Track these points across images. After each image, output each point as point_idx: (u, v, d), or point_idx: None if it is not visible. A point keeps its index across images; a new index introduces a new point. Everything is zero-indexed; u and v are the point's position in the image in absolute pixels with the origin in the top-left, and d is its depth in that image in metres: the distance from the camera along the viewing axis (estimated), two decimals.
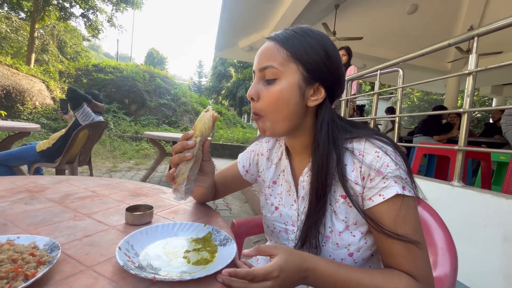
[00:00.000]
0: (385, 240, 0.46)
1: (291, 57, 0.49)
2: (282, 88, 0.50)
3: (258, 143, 0.72)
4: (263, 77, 0.52)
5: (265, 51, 0.52)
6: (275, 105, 0.50)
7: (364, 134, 0.50)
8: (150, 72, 11.05)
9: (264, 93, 0.51)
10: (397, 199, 0.45)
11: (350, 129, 0.53)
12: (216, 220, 0.66)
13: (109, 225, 0.58)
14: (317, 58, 0.49)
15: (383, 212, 0.46)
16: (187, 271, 0.42)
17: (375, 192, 0.46)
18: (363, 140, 0.49)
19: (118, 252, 0.42)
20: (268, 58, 0.50)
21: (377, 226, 0.45)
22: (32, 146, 2.34)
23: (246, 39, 5.88)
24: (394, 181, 0.45)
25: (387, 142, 0.49)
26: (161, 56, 31.82)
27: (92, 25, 13.04)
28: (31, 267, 0.35)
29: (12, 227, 0.52)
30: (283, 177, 0.62)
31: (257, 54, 0.53)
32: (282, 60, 0.50)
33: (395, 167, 0.46)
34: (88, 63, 10.43)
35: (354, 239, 0.50)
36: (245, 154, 0.73)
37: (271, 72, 0.50)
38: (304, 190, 0.56)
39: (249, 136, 9.43)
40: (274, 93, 0.50)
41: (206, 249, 0.50)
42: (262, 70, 0.51)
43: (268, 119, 0.52)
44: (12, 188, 0.77)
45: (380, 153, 0.47)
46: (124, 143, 6.95)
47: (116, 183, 0.93)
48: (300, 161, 0.59)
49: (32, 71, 8.26)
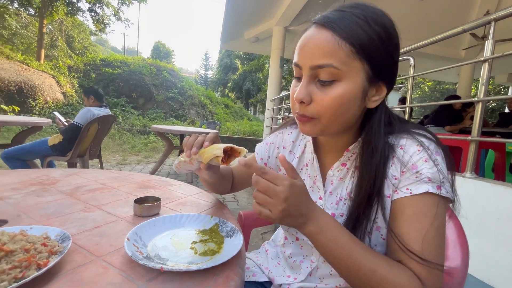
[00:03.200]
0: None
1: (356, 53, 0.41)
2: (344, 93, 0.42)
3: (279, 135, 0.68)
4: (315, 76, 0.44)
5: (320, 43, 0.42)
6: (333, 111, 0.43)
7: (407, 129, 0.48)
8: (156, 65, 11.09)
9: (319, 96, 0.44)
10: (425, 198, 0.42)
11: (395, 123, 0.50)
12: (223, 212, 0.67)
13: (118, 216, 0.59)
14: (385, 51, 0.43)
15: (404, 207, 0.43)
16: (194, 262, 0.42)
17: (404, 184, 0.44)
18: (405, 135, 0.47)
19: (126, 242, 0.43)
20: (326, 53, 0.41)
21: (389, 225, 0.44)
22: (44, 140, 2.40)
23: (252, 29, 5.79)
24: (427, 178, 0.42)
25: (430, 138, 0.46)
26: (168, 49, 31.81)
27: (99, 20, 13.11)
28: (43, 257, 0.36)
29: (26, 219, 0.54)
30: (306, 171, 0.60)
31: (305, 46, 0.44)
32: (345, 57, 0.41)
33: (432, 164, 0.43)
34: (96, 58, 10.53)
35: (383, 242, 0.48)
36: (264, 146, 0.70)
37: (329, 72, 0.42)
38: (333, 185, 0.54)
39: (255, 128, 9.42)
40: (334, 98, 0.42)
41: (213, 240, 0.50)
42: (315, 68, 0.43)
43: (321, 123, 0.46)
44: (26, 180, 0.79)
45: (421, 149, 0.44)
46: (133, 136, 7.06)
47: (125, 176, 0.95)
48: (331, 155, 0.56)
49: (42, 66, 8.40)
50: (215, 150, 0.53)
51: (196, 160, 0.57)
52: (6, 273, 0.32)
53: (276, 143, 0.68)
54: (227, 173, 0.71)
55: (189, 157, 0.57)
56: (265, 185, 0.40)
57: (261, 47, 6.69)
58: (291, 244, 0.64)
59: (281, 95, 4.80)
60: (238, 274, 0.41)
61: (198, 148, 0.56)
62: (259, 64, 20.56)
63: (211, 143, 0.56)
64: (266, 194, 0.41)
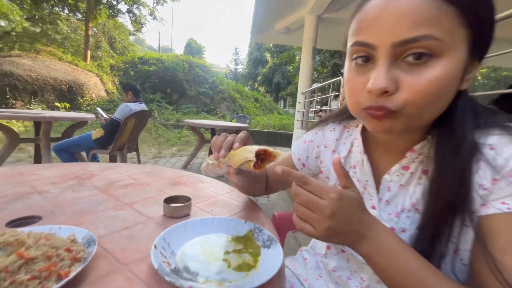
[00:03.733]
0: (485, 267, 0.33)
1: (463, 17, 0.31)
2: (445, 73, 0.32)
3: (319, 132, 0.59)
4: (399, 56, 0.33)
5: (410, 7, 0.31)
6: (428, 98, 0.33)
7: (498, 122, 0.36)
8: (189, 61, 11.42)
9: (409, 81, 0.33)
10: None
11: (482, 113, 0.38)
12: (258, 215, 0.60)
13: (148, 216, 0.55)
14: (491, 11, 0.33)
15: (499, 228, 0.33)
16: (228, 279, 0.36)
17: (498, 197, 0.33)
18: (496, 130, 0.36)
19: (153, 251, 0.38)
20: (421, 21, 0.31)
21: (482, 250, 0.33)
22: (89, 135, 2.58)
23: (283, 20, 5.61)
24: None
25: None
26: (199, 45, 32.67)
27: (136, 20, 13.86)
28: (66, 265, 0.33)
29: (59, 215, 0.53)
30: (354, 174, 0.51)
31: (381, 14, 0.33)
32: (449, 24, 0.31)
33: None
34: (134, 56, 11.19)
35: (463, 268, 0.37)
36: (301, 144, 0.62)
37: (425, 46, 0.31)
38: (391, 193, 0.45)
39: (285, 122, 9.25)
40: (432, 82, 0.32)
41: (248, 251, 0.44)
42: (403, 44, 0.32)
43: (407, 117, 0.35)
44: (64, 174, 0.81)
45: None
46: (167, 130, 7.38)
47: (157, 171, 0.93)
48: (388, 157, 0.47)
49: (88, 66, 9.16)
50: (247, 154, 0.44)
51: (225, 164, 0.50)
52: (25, 284, 0.29)
53: (316, 141, 0.59)
54: (260, 175, 0.64)
55: (217, 160, 0.49)
56: (307, 198, 0.33)
57: (292, 38, 6.47)
58: (335, 256, 0.55)
59: (313, 87, 4.59)
60: None
61: (227, 151, 0.48)
62: (289, 56, 20.09)
63: (241, 145, 0.48)
64: (309, 208, 0.33)
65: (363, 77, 0.37)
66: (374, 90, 0.34)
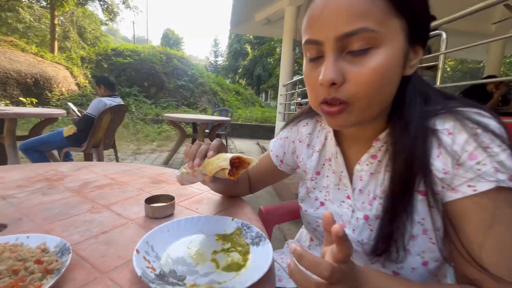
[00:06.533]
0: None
1: (395, 8, 0.34)
2: (385, 61, 0.34)
3: (293, 127, 0.60)
4: (343, 49, 0.35)
5: (345, 3, 0.33)
6: (375, 86, 0.35)
7: (453, 107, 0.37)
8: (166, 53, 10.99)
9: (354, 72, 0.35)
10: (498, 195, 0.33)
11: (438, 100, 0.40)
12: (245, 212, 0.59)
13: (128, 218, 0.52)
14: (422, 3, 0.35)
15: (471, 211, 0.34)
16: (217, 280, 0.35)
17: (463, 181, 0.34)
18: (452, 115, 0.37)
19: (136, 256, 0.36)
20: (356, 15, 0.33)
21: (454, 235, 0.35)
22: (60, 132, 2.41)
23: (263, 11, 5.53)
24: (494, 168, 0.32)
25: (487, 116, 0.36)
26: (177, 36, 31.47)
27: (108, 8, 13.04)
28: (36, 279, 0.30)
29: (27, 222, 0.48)
30: (329, 167, 0.52)
31: (322, 12, 0.35)
32: (381, 15, 0.33)
33: (499, 150, 0.33)
34: (107, 48, 10.54)
35: (433, 246, 0.39)
36: (278, 142, 0.62)
37: (363, 38, 0.33)
38: (363, 182, 0.45)
39: (267, 115, 9.27)
40: (374, 70, 0.34)
41: (237, 250, 0.42)
42: (344, 37, 0.34)
43: (358, 108, 0.36)
44: (32, 176, 0.74)
45: (479, 131, 0.34)
46: (146, 125, 7.12)
47: (136, 169, 0.89)
48: (358, 146, 0.47)
49: (56, 58, 8.52)
50: (221, 162, 0.45)
51: (200, 172, 0.49)
52: None
53: (290, 137, 0.60)
54: (241, 177, 0.62)
55: (191, 169, 0.48)
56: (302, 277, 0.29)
57: (272, 29, 6.42)
58: (318, 247, 0.57)
59: (294, 80, 4.61)
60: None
61: (202, 159, 0.48)
62: (270, 48, 19.98)
63: (216, 153, 0.48)
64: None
65: (316, 72, 0.38)
66: (324, 83, 0.35)
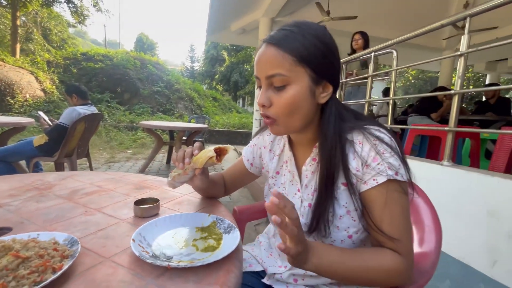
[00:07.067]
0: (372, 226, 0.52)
1: (298, 61, 0.49)
2: (294, 94, 0.51)
3: (260, 137, 0.76)
4: (270, 84, 0.52)
5: (268, 58, 0.51)
6: (289, 110, 0.52)
7: (362, 125, 0.54)
8: (140, 58, 10.76)
9: (275, 99, 0.52)
10: (389, 185, 0.50)
11: (351, 119, 0.56)
12: (219, 209, 0.71)
13: (119, 218, 0.62)
14: (322, 56, 0.51)
15: (375, 196, 0.51)
16: (197, 258, 0.46)
17: (370, 176, 0.51)
18: (361, 130, 0.53)
19: (132, 243, 0.46)
20: (274, 65, 0.50)
21: (366, 214, 0.51)
22: (29, 141, 2.34)
23: (239, 21, 5.71)
24: (388, 167, 0.49)
25: (383, 132, 0.53)
26: (151, 41, 30.77)
27: (77, 11, 12.49)
28: (57, 261, 0.39)
29: (29, 225, 0.56)
30: (286, 167, 0.66)
31: (259, 61, 0.53)
32: (289, 66, 0.49)
33: (389, 155, 0.50)
34: (76, 52, 10.06)
35: (354, 223, 0.55)
36: (249, 148, 0.78)
37: (279, 79, 0.50)
38: (308, 179, 0.60)
39: (245, 121, 9.42)
40: (287, 99, 0.51)
41: (212, 237, 0.54)
42: (269, 78, 0.51)
43: (281, 123, 0.54)
44: (21, 186, 0.80)
45: (377, 142, 0.51)
46: (120, 133, 6.92)
47: (120, 177, 0.96)
48: (304, 152, 0.63)
49: (18, 62, 7.99)
50: (208, 153, 0.61)
51: (191, 169, 0.63)
52: (26, 277, 0.35)
53: (258, 144, 0.76)
54: (218, 179, 0.79)
55: (183, 169, 0.63)
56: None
57: (248, 38, 6.63)
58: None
59: None
60: (237, 266, 0.46)
61: (190, 158, 0.62)
62: (246, 56, 20.31)
63: (199, 151, 0.64)
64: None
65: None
66: (258, 104, 0.54)
